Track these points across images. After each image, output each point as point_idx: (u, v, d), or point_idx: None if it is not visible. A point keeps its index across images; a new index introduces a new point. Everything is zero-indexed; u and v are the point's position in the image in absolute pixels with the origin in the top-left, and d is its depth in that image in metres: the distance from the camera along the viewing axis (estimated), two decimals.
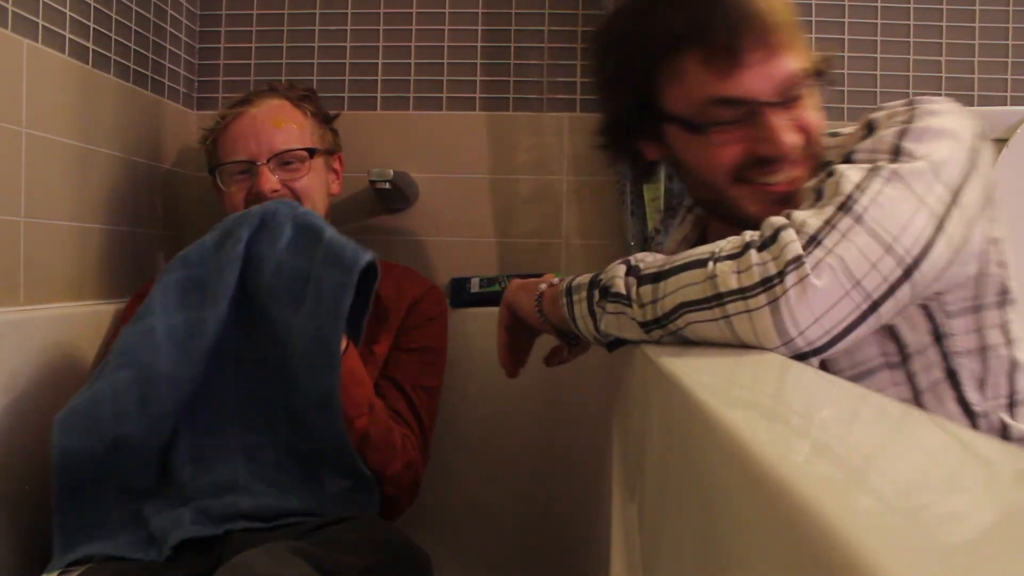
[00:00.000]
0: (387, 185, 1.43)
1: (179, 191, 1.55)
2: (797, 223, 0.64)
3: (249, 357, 1.05)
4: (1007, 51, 1.53)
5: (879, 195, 0.64)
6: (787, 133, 0.76)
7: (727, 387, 0.49)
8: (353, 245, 1.03)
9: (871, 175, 0.66)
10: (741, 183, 0.79)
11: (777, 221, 0.65)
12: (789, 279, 0.60)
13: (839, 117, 1.51)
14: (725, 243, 0.67)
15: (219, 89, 1.60)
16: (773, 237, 0.63)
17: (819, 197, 0.67)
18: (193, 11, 1.59)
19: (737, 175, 0.79)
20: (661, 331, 0.68)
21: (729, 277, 0.63)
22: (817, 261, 0.61)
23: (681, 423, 0.46)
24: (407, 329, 1.24)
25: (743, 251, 0.64)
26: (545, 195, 1.56)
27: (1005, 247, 0.78)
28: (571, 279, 0.83)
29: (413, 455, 1.16)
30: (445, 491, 1.42)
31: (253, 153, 1.21)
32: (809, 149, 0.78)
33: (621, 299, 0.71)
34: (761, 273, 0.61)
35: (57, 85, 1.19)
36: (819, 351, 0.61)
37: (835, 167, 0.69)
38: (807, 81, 0.78)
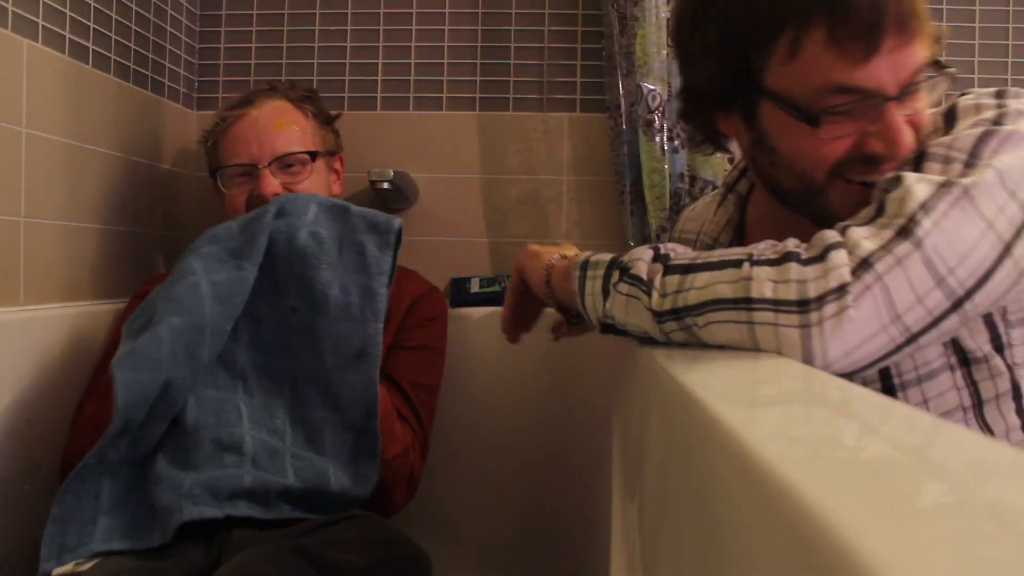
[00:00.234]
0: (387, 185, 1.43)
1: (179, 191, 1.55)
2: (851, 243, 0.59)
3: (274, 323, 1.09)
4: (1007, 51, 1.53)
5: (944, 218, 0.60)
6: (906, 132, 0.69)
7: (727, 387, 0.49)
8: (380, 214, 1.11)
9: (940, 194, 0.61)
10: (837, 178, 0.72)
11: (830, 237, 0.61)
12: (828, 308, 0.57)
13: None
14: (764, 246, 0.63)
15: (219, 89, 1.60)
16: (822, 255, 0.59)
17: (880, 210, 0.63)
18: (193, 11, 1.59)
19: (836, 170, 0.72)
20: (676, 324, 0.65)
21: (764, 284, 0.59)
22: (863, 289, 0.57)
23: (681, 423, 0.46)
24: (406, 328, 1.25)
25: (783, 260, 0.60)
26: (545, 195, 1.56)
27: None
28: (590, 254, 0.79)
29: (412, 452, 1.16)
30: (445, 491, 1.42)
31: (254, 156, 1.21)
32: (914, 147, 0.71)
33: (638, 283, 0.68)
34: (799, 291, 0.58)
35: (57, 85, 1.19)
36: (843, 375, 0.58)
37: (903, 176, 0.64)
38: (927, 72, 0.70)
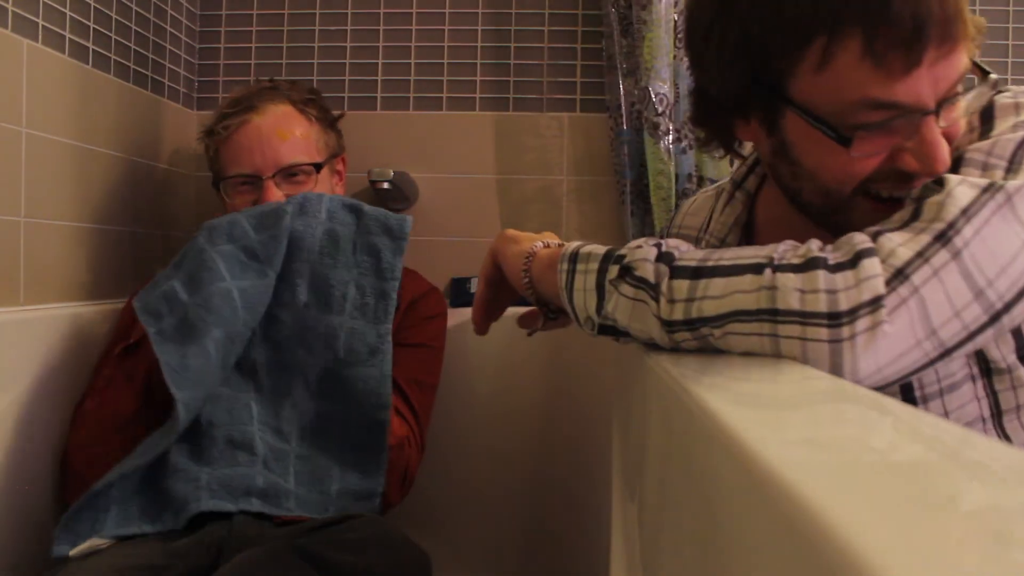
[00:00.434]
0: (387, 185, 1.43)
1: (179, 191, 1.55)
2: (885, 250, 0.55)
3: (289, 321, 1.12)
4: (1007, 51, 1.53)
5: (985, 226, 0.56)
6: (943, 148, 0.63)
7: (727, 387, 0.49)
8: (392, 215, 1.16)
9: (983, 199, 0.57)
10: (864, 194, 0.67)
11: (860, 241, 0.56)
12: (860, 323, 0.53)
13: None
14: (784, 248, 0.58)
15: (219, 89, 1.60)
16: (853, 262, 0.55)
17: (916, 214, 0.58)
18: (193, 11, 1.59)
19: (864, 186, 0.66)
20: (689, 334, 0.60)
21: (790, 294, 0.55)
22: (898, 303, 0.53)
23: (681, 423, 0.46)
24: (405, 327, 1.25)
25: (809, 266, 0.55)
26: (545, 195, 1.56)
27: None
28: (578, 245, 0.73)
29: (408, 448, 1.16)
30: (445, 491, 1.42)
31: (258, 167, 1.20)
32: (949, 162, 0.65)
33: (645, 286, 0.62)
34: (829, 303, 0.54)
35: (57, 85, 1.19)
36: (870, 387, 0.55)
37: (947, 178, 0.59)
38: (968, 79, 0.65)
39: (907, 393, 0.71)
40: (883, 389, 0.56)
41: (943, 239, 0.55)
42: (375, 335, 1.11)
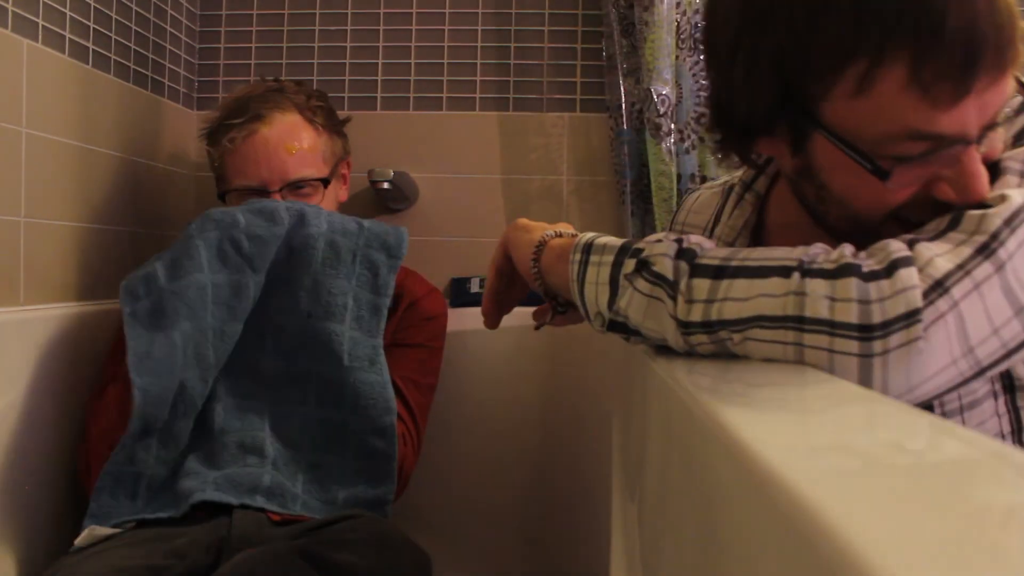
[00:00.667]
0: (387, 185, 1.43)
1: (179, 191, 1.55)
2: (922, 260, 0.52)
3: (292, 329, 1.13)
4: None
5: None
6: (983, 178, 0.58)
7: (726, 387, 0.49)
8: (391, 231, 1.18)
9: None
10: (894, 219, 0.63)
11: (896, 249, 0.53)
12: (894, 338, 0.50)
13: None
14: (815, 252, 0.55)
15: (219, 89, 1.60)
16: (888, 271, 0.51)
17: (954, 223, 0.55)
18: (193, 11, 1.59)
19: (895, 213, 0.62)
20: (706, 337, 0.57)
21: (819, 301, 0.51)
22: (935, 317, 0.50)
23: (681, 423, 0.46)
24: (404, 327, 1.24)
25: (842, 273, 0.52)
26: (546, 195, 1.56)
27: None
28: (593, 236, 0.69)
29: (403, 447, 1.16)
30: (445, 491, 1.42)
31: (264, 180, 1.19)
32: (988, 190, 0.61)
33: (663, 283, 0.59)
34: (861, 314, 0.50)
35: (57, 85, 1.19)
36: None
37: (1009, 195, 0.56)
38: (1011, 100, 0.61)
39: (926, 409, 0.70)
40: None
41: (986, 251, 0.52)
42: (370, 347, 1.14)
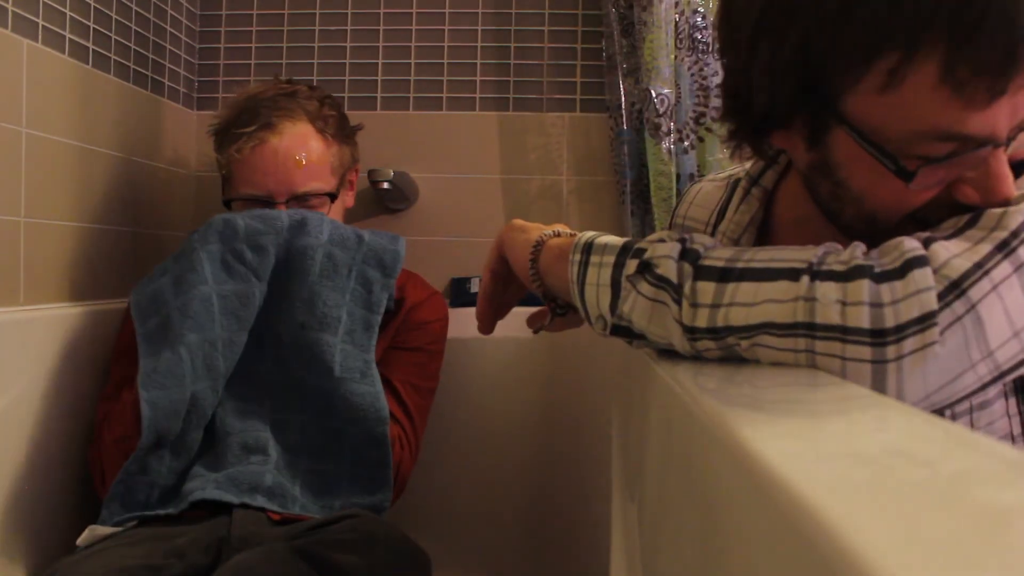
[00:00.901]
0: (387, 185, 1.42)
1: (179, 191, 1.55)
2: (938, 259, 0.50)
3: (288, 338, 1.14)
4: None
5: None
6: (1009, 181, 0.56)
7: (732, 389, 0.49)
8: (388, 247, 1.18)
9: None
10: (911, 220, 0.60)
11: (910, 248, 0.50)
12: (909, 343, 0.47)
13: None
14: (827, 252, 0.52)
15: (219, 89, 1.60)
16: (901, 271, 0.49)
17: (973, 221, 0.53)
18: (193, 11, 1.59)
19: (914, 214, 0.60)
20: (713, 343, 0.54)
21: (830, 307, 0.49)
22: (952, 320, 0.48)
23: (680, 423, 0.46)
24: (404, 331, 1.24)
25: (853, 275, 0.49)
26: (546, 195, 1.56)
27: None
28: (593, 235, 0.66)
29: (399, 450, 1.16)
30: (445, 491, 1.42)
31: (271, 191, 1.19)
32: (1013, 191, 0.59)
33: (667, 286, 0.56)
34: (873, 319, 0.48)
35: (57, 85, 1.19)
36: None
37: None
38: None
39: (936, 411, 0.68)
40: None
41: (1005, 249, 0.50)
42: (362, 360, 1.14)
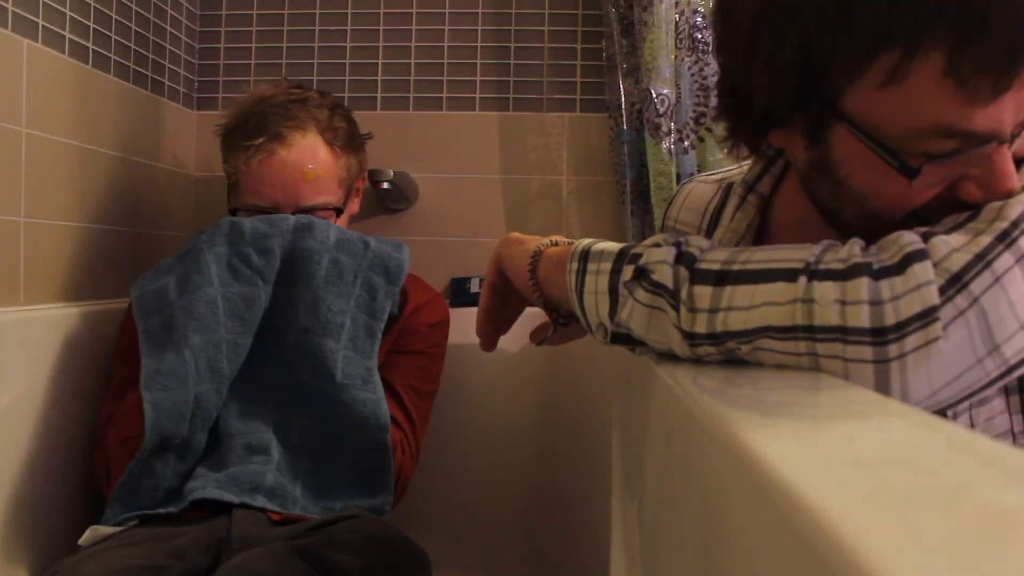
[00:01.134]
0: (387, 185, 1.42)
1: (179, 191, 1.55)
2: (938, 253, 0.49)
3: (291, 341, 1.14)
4: None
5: None
6: (1013, 178, 0.55)
7: (733, 391, 0.49)
8: (394, 255, 1.19)
9: None
10: (912, 218, 0.58)
11: (909, 242, 0.49)
12: (911, 340, 0.46)
13: None
14: (821, 250, 0.51)
15: (219, 89, 1.60)
16: (900, 266, 0.48)
17: (974, 214, 0.53)
18: (193, 11, 1.59)
19: (916, 213, 0.58)
20: (713, 348, 0.53)
21: (829, 308, 0.48)
22: (954, 315, 0.47)
23: (680, 424, 0.46)
24: (406, 334, 1.24)
25: (852, 273, 0.48)
26: (546, 195, 1.56)
27: None
28: (590, 242, 0.66)
29: (400, 454, 1.16)
30: (445, 491, 1.42)
31: (278, 203, 1.18)
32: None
33: (664, 292, 0.55)
34: (873, 317, 0.47)
35: (57, 85, 1.19)
36: None
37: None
38: None
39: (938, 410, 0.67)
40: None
41: (1006, 240, 0.49)
42: (364, 367, 1.14)
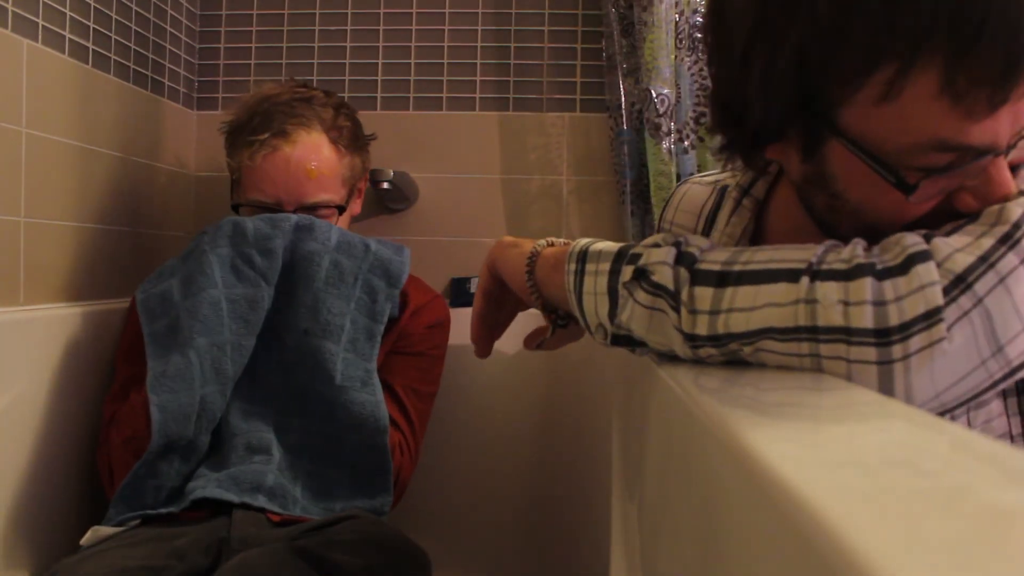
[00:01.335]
0: (387, 185, 1.42)
1: (179, 191, 1.55)
2: (941, 254, 0.49)
3: (291, 343, 1.14)
4: None
5: None
6: (1010, 187, 0.55)
7: (727, 389, 0.49)
8: (395, 257, 1.19)
9: None
10: (908, 230, 0.58)
11: (911, 242, 0.49)
12: (915, 341, 0.46)
13: None
14: (826, 251, 0.51)
15: (219, 89, 1.60)
16: (904, 267, 0.48)
17: (971, 219, 0.53)
18: (193, 11, 1.59)
19: (912, 224, 0.58)
20: (715, 350, 0.53)
21: (832, 309, 0.48)
22: (959, 315, 0.47)
23: (681, 424, 0.46)
24: (406, 335, 1.24)
25: (855, 274, 0.48)
26: (546, 195, 1.56)
27: None
28: (587, 242, 0.65)
29: (399, 455, 1.16)
30: (445, 492, 1.42)
31: (281, 200, 1.19)
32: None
33: (664, 293, 0.55)
34: (877, 318, 0.47)
35: (57, 85, 1.19)
36: None
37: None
38: None
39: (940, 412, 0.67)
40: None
41: (1009, 241, 0.49)
42: (364, 369, 1.14)
